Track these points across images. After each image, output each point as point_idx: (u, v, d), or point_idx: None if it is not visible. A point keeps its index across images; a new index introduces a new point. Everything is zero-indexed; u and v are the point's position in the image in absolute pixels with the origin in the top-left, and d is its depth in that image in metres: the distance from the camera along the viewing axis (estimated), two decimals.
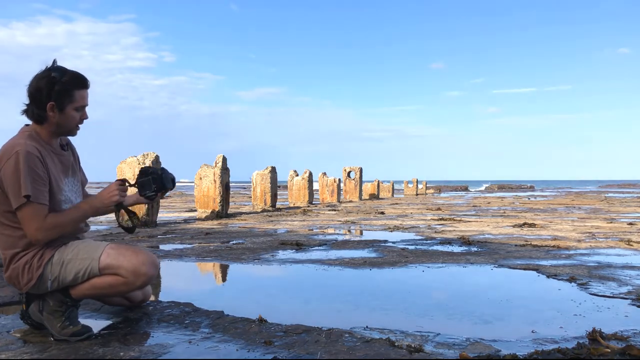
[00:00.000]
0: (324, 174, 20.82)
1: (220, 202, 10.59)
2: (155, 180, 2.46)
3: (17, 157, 2.12)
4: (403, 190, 34.62)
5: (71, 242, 2.30)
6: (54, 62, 2.30)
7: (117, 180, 2.40)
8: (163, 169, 2.50)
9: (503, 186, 59.23)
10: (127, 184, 2.42)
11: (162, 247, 5.69)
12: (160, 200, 9.48)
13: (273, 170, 14.40)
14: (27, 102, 2.27)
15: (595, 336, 2.30)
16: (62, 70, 2.27)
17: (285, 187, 30.46)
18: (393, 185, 29.86)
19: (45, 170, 2.21)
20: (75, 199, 2.42)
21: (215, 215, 10.45)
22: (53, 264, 2.24)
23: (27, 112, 2.28)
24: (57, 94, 2.23)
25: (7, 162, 2.14)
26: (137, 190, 2.49)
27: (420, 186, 34.60)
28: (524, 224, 8.69)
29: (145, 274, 2.27)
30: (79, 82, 2.30)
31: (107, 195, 2.33)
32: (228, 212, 11.17)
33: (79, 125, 2.37)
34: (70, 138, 2.51)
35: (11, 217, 2.22)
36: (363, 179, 23.24)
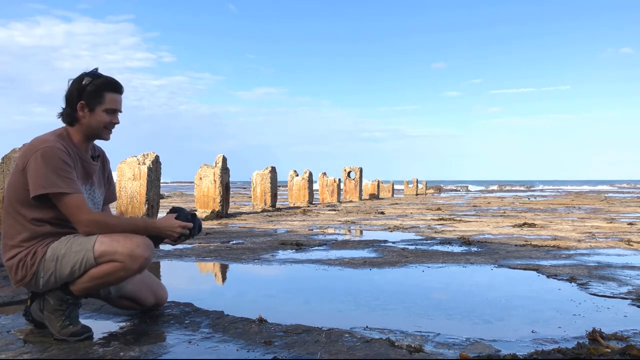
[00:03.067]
0: (324, 174, 20.82)
1: (220, 202, 10.60)
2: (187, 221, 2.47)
3: (45, 151, 2.19)
4: (403, 190, 34.62)
5: (63, 237, 2.29)
6: (95, 69, 2.38)
7: (172, 211, 2.45)
8: (194, 214, 2.51)
9: (503, 186, 59.21)
10: (188, 228, 2.43)
11: (162, 247, 5.69)
12: (160, 200, 9.48)
13: (273, 170, 14.40)
14: (63, 105, 2.37)
15: (595, 336, 2.30)
16: (96, 74, 2.37)
17: (285, 187, 30.46)
18: (393, 185, 29.86)
19: (72, 166, 2.28)
20: (91, 208, 2.43)
21: (215, 215, 10.45)
22: (46, 261, 2.23)
23: (61, 114, 2.37)
24: (88, 95, 2.32)
25: (35, 154, 2.19)
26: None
27: (420, 186, 34.60)
28: (524, 224, 8.69)
29: (141, 256, 2.24)
30: (110, 85, 2.38)
31: (166, 229, 2.38)
32: (228, 212, 11.17)
33: (110, 130, 2.42)
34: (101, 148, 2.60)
35: (18, 207, 2.24)
36: (363, 179, 23.25)
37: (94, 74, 2.36)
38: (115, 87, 2.39)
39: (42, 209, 2.24)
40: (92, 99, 2.33)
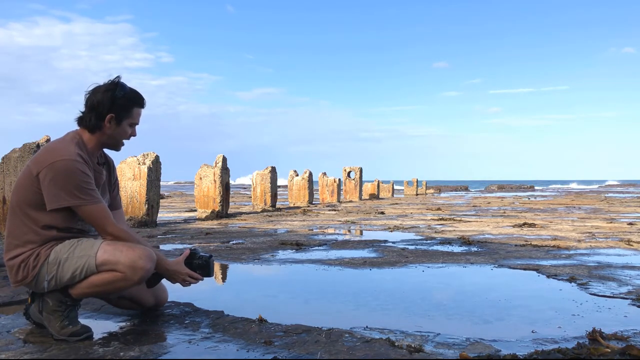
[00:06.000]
0: (324, 174, 20.82)
1: (220, 202, 10.59)
2: (201, 266, 2.57)
3: (66, 165, 2.19)
4: (403, 190, 34.60)
5: (67, 241, 2.30)
6: (118, 77, 2.40)
7: (190, 256, 2.56)
8: (211, 256, 2.61)
9: (503, 186, 59.19)
10: (199, 280, 2.58)
11: (162, 247, 5.69)
12: (161, 200, 9.48)
13: (273, 170, 14.40)
14: (84, 110, 2.37)
15: (595, 336, 2.30)
16: (125, 87, 2.40)
17: (285, 187, 30.44)
18: (393, 185, 29.85)
19: (92, 176, 2.32)
20: None
21: (215, 215, 10.45)
22: (49, 264, 2.24)
23: (82, 119, 2.38)
24: (118, 108, 2.36)
25: (53, 166, 2.19)
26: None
27: (420, 186, 34.58)
28: (524, 224, 8.69)
29: (142, 268, 2.27)
30: (138, 100, 2.45)
31: (175, 274, 2.51)
32: (228, 212, 11.17)
33: (125, 142, 2.49)
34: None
35: (28, 210, 2.25)
36: (363, 179, 23.24)
37: (124, 86, 2.38)
38: (142, 102, 2.47)
39: (53, 216, 2.25)
40: (122, 112, 2.37)
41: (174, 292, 2.99)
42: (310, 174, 17.74)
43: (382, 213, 12.29)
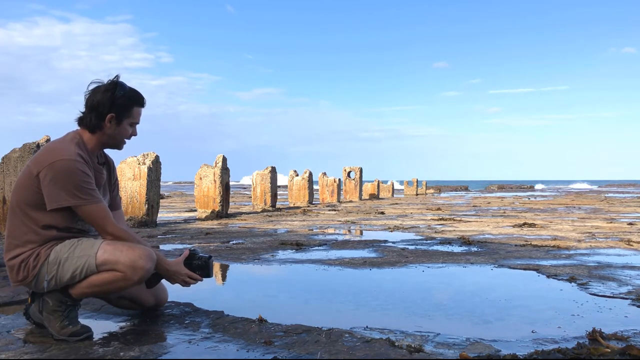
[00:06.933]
0: (324, 174, 20.82)
1: (220, 202, 10.59)
2: (201, 267, 2.57)
3: (66, 164, 2.20)
4: (403, 190, 34.59)
5: (67, 241, 2.30)
6: (117, 77, 2.40)
7: (189, 256, 2.55)
8: (210, 256, 2.61)
9: (503, 186, 59.16)
10: (198, 281, 2.58)
11: (162, 247, 5.69)
12: (161, 200, 9.48)
13: (273, 170, 14.40)
14: (84, 110, 2.37)
15: (595, 336, 2.30)
16: (125, 87, 2.40)
17: (286, 187, 30.45)
18: (393, 185, 29.84)
19: (92, 175, 2.32)
20: None
21: (215, 215, 10.45)
22: (49, 264, 2.24)
23: (82, 119, 2.38)
24: (118, 107, 2.36)
25: (53, 166, 2.19)
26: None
27: (420, 186, 34.57)
28: (524, 224, 8.69)
29: (142, 268, 2.27)
30: (138, 99, 2.45)
31: (175, 274, 2.51)
32: (228, 212, 11.17)
33: (127, 141, 2.49)
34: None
35: (28, 210, 2.25)
36: (363, 179, 23.24)
37: (123, 86, 2.38)
38: (142, 101, 2.47)
39: (53, 216, 2.26)
40: (122, 111, 2.38)
41: (174, 292, 2.99)
42: (310, 174, 17.74)
43: (382, 213, 12.29)
